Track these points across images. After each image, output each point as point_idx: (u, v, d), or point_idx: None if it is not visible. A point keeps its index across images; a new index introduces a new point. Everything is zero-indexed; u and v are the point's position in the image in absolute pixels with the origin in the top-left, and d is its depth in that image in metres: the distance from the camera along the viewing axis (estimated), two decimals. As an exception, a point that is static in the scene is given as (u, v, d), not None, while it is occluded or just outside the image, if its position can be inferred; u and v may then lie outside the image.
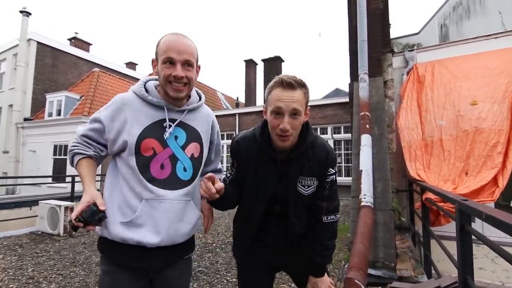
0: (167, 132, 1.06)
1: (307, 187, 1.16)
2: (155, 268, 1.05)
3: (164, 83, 1.04)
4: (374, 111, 3.65)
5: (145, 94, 1.07)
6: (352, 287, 1.19)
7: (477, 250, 3.36)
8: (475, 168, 3.15)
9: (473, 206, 1.39)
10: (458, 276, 1.69)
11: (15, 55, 14.36)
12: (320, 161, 1.16)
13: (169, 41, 1.03)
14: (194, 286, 2.79)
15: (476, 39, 3.97)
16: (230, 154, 1.24)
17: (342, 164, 10.17)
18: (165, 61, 1.02)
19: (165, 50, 1.02)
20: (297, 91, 1.04)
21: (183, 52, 1.02)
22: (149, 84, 1.11)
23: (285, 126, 1.03)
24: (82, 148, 1.06)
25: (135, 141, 1.01)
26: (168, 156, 1.06)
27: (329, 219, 1.20)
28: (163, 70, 1.03)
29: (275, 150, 1.14)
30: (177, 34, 1.05)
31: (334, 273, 3.09)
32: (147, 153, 1.02)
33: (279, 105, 1.03)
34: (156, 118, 1.06)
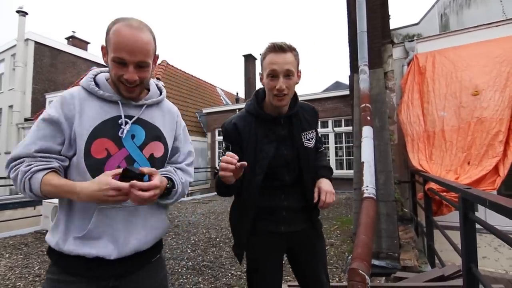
0: (123, 130, 0.93)
1: (311, 139, 1.30)
2: (116, 276, 0.92)
3: (115, 81, 0.92)
4: (375, 103, 3.63)
5: (95, 88, 0.93)
6: (356, 277, 1.19)
7: (480, 239, 3.38)
8: (477, 157, 3.15)
9: (476, 194, 1.39)
10: (462, 264, 1.70)
11: (13, 55, 14.33)
12: (311, 115, 1.34)
13: (121, 36, 0.86)
14: (199, 280, 2.82)
15: (477, 28, 3.93)
16: (225, 137, 1.25)
17: (343, 157, 10.16)
18: (115, 60, 0.88)
19: (115, 47, 0.86)
20: (288, 54, 1.13)
21: (138, 52, 0.88)
22: (99, 77, 0.97)
23: (281, 85, 1.12)
24: (40, 163, 0.86)
25: (85, 142, 0.88)
26: (124, 157, 0.93)
27: (322, 148, 1.43)
28: (113, 69, 0.90)
29: (272, 115, 1.23)
30: (130, 27, 0.87)
31: (338, 265, 3.11)
32: (99, 155, 0.89)
33: (273, 67, 1.12)
34: (110, 115, 0.93)
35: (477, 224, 1.59)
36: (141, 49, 0.88)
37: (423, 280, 2.31)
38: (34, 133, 0.88)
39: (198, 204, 7.37)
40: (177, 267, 3.17)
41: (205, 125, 13.56)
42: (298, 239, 1.27)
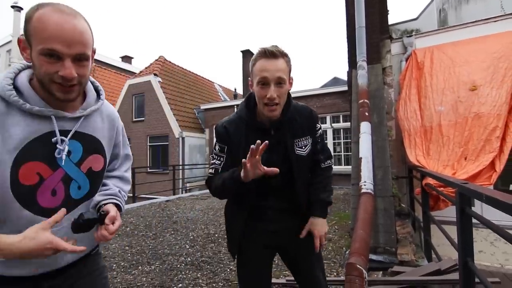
0: (60, 150, 0.78)
1: (304, 147, 1.22)
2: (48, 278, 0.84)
3: (46, 81, 0.72)
4: (373, 99, 3.63)
5: (18, 101, 0.72)
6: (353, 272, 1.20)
7: (476, 234, 3.41)
8: (474, 152, 3.17)
9: (473, 188, 1.40)
10: (458, 258, 1.71)
11: (8, 51, 14.21)
12: (307, 119, 1.23)
13: (51, 23, 0.68)
14: (198, 275, 2.83)
15: (475, 23, 3.93)
16: (218, 140, 1.22)
17: (341, 153, 10.19)
18: (45, 53, 0.69)
19: (45, 37, 0.68)
20: (280, 60, 1.07)
21: (76, 42, 0.71)
22: (21, 80, 0.76)
23: (272, 94, 1.06)
24: None
25: (10, 168, 0.71)
26: (60, 178, 0.81)
27: (327, 164, 1.30)
28: (42, 65, 0.70)
29: (263, 123, 1.17)
30: (62, 12, 0.70)
31: (336, 259, 3.13)
32: (29, 181, 0.75)
33: (264, 75, 1.06)
34: (39, 132, 0.76)
35: (473, 219, 1.61)
36: (79, 38, 0.71)
37: (420, 274, 2.33)
38: None
39: (196, 200, 7.38)
40: (175, 262, 3.18)
41: (203, 121, 13.54)
42: (288, 237, 1.26)
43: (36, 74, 0.74)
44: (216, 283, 2.66)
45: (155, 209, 6.21)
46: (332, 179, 1.34)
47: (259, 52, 1.08)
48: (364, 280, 1.13)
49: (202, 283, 2.67)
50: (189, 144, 12.53)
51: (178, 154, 12.21)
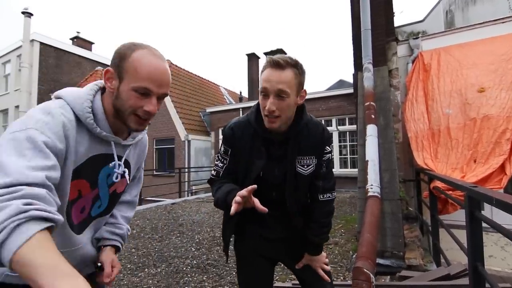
0: (118, 174, 0.88)
1: (307, 166, 1.14)
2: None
3: (127, 113, 0.80)
4: (379, 101, 3.61)
5: (93, 125, 0.79)
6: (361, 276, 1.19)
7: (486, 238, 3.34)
8: (484, 155, 3.12)
9: (483, 192, 1.38)
10: (468, 263, 1.68)
11: (19, 56, 14.47)
12: (316, 138, 1.14)
13: (149, 66, 0.78)
14: (204, 278, 2.83)
15: (483, 24, 3.89)
16: (224, 141, 1.19)
17: (347, 156, 10.12)
18: (138, 90, 0.78)
19: (142, 76, 0.77)
20: (285, 72, 0.99)
21: (165, 85, 0.82)
22: (97, 106, 0.82)
23: (270, 107, 0.99)
24: (43, 206, 0.57)
25: (69, 182, 0.76)
26: (92, 197, 0.86)
27: (325, 197, 1.18)
28: (131, 99, 0.78)
29: (270, 133, 1.11)
30: (157, 58, 0.80)
31: (342, 263, 3.10)
32: (71, 196, 0.79)
33: (264, 85, 1.01)
34: (95, 152, 0.82)
35: (483, 223, 1.58)
36: (167, 81, 0.83)
37: (428, 279, 2.30)
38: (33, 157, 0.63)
39: (202, 203, 7.40)
40: (181, 265, 3.19)
41: (209, 124, 13.59)
42: (287, 246, 1.24)
43: (119, 104, 0.81)
44: (222, 286, 2.66)
45: (161, 211, 6.24)
46: (333, 211, 1.25)
47: (267, 61, 1.03)
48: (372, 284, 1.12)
49: (208, 286, 2.67)
50: (195, 147, 12.58)
51: (184, 157, 12.26)
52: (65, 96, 0.79)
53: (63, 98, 0.79)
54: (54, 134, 0.70)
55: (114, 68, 0.80)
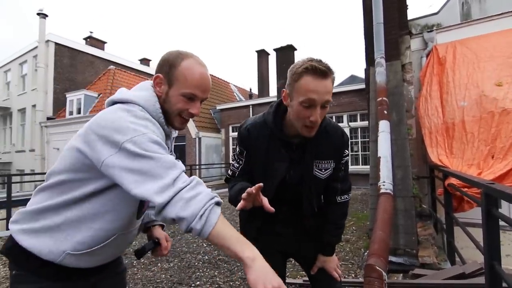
0: None
1: (324, 170, 1.13)
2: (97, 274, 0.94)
3: (173, 114, 0.92)
4: (392, 96, 3.54)
5: (164, 124, 0.92)
6: (372, 273, 1.17)
7: (503, 237, 3.25)
8: (502, 150, 3.02)
9: (500, 189, 1.34)
10: (484, 262, 1.64)
11: (35, 56, 14.88)
12: (335, 143, 1.13)
13: (196, 74, 0.89)
14: (215, 273, 2.87)
15: (501, 15, 3.75)
16: (239, 142, 1.19)
17: (359, 153, 10.00)
18: (186, 95, 0.89)
19: (190, 84, 0.88)
20: (329, 80, 0.96)
21: (207, 90, 0.93)
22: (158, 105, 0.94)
23: (317, 118, 0.97)
24: (216, 194, 0.79)
25: None
26: None
27: (342, 199, 1.20)
28: (179, 103, 0.90)
29: (288, 135, 1.11)
30: (202, 66, 0.91)
31: (354, 261, 3.08)
32: None
33: (313, 97, 0.94)
34: None
35: (500, 221, 1.53)
36: (209, 87, 0.94)
37: (442, 278, 2.25)
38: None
39: (213, 200, 7.46)
40: (193, 260, 3.23)
41: (219, 122, 13.66)
42: (299, 241, 1.24)
43: (167, 107, 0.91)
44: (233, 282, 2.69)
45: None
46: (347, 212, 1.26)
47: (307, 67, 0.94)
48: (384, 282, 1.11)
49: (219, 281, 2.70)
50: (205, 144, 12.68)
51: (195, 154, 12.38)
52: (137, 101, 0.86)
53: (135, 103, 0.86)
54: (160, 134, 0.86)
55: (164, 75, 0.90)
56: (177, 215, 0.70)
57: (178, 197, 0.71)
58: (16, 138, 16.27)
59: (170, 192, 0.71)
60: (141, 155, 0.73)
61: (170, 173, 0.73)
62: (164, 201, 0.70)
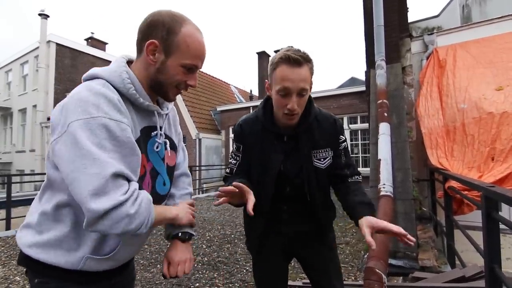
0: (159, 144, 0.86)
1: (323, 159, 1.13)
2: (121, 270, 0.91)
3: (170, 85, 0.82)
4: (392, 99, 3.54)
5: (135, 94, 0.77)
6: (372, 276, 1.17)
7: (504, 240, 3.25)
8: (502, 153, 3.01)
9: (500, 192, 1.34)
10: (484, 265, 1.64)
11: (36, 57, 14.91)
12: (329, 130, 1.14)
13: (198, 44, 0.80)
14: (215, 275, 2.86)
15: (501, 19, 3.76)
16: (235, 138, 1.22)
17: (359, 155, 9.99)
18: (187, 67, 0.80)
19: (192, 54, 0.79)
20: (304, 68, 0.98)
21: (204, 59, 0.85)
22: (134, 79, 0.80)
23: (293, 105, 0.99)
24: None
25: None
26: (149, 169, 0.84)
27: (355, 179, 1.14)
28: (178, 74, 0.80)
29: (279, 127, 1.12)
30: (201, 34, 0.82)
31: (354, 263, 3.07)
32: (140, 173, 0.78)
33: (286, 85, 0.97)
34: (142, 125, 0.82)
35: (500, 224, 1.53)
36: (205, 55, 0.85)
37: (442, 281, 2.24)
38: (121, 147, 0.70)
39: (212, 201, 7.45)
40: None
41: (219, 123, 13.67)
42: (303, 242, 1.23)
43: (162, 78, 0.80)
44: (233, 284, 2.68)
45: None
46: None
47: (282, 56, 0.98)
48: (384, 285, 1.11)
49: (218, 283, 2.69)
50: (205, 145, 12.68)
51: (195, 155, 12.38)
52: (101, 74, 0.76)
53: (99, 77, 0.76)
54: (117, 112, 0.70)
55: (160, 41, 0.76)
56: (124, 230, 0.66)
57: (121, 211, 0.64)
58: (17, 138, 16.29)
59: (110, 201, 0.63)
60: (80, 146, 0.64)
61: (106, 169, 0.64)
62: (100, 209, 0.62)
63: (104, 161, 0.64)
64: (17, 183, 10.39)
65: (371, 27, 3.76)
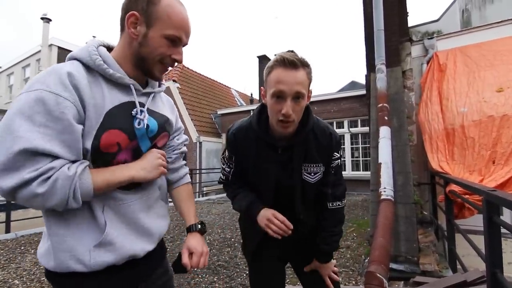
0: (140, 120, 0.79)
1: (313, 174, 1.09)
2: (144, 278, 0.88)
3: (154, 59, 0.78)
4: (392, 103, 3.54)
5: (102, 65, 0.74)
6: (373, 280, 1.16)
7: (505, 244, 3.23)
8: (503, 156, 2.99)
9: (502, 196, 1.33)
10: (486, 270, 1.63)
11: (38, 60, 14.98)
12: (324, 145, 1.08)
13: (180, 14, 0.77)
14: (214, 279, 2.84)
15: (501, 23, 3.77)
16: (227, 146, 1.17)
17: (359, 158, 9.98)
18: (170, 38, 0.77)
19: (174, 24, 0.76)
20: (300, 71, 0.93)
21: (189, 35, 0.82)
22: (104, 53, 0.77)
23: (288, 110, 0.93)
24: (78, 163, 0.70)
25: (94, 134, 0.71)
26: (132, 149, 0.81)
27: (335, 205, 1.14)
28: (162, 46, 0.77)
29: (274, 137, 1.06)
30: (184, 7, 0.80)
31: (354, 267, 3.05)
32: (109, 149, 0.75)
33: (281, 88, 0.92)
34: (117, 101, 0.77)
35: (502, 228, 1.52)
36: (190, 31, 0.83)
37: (444, 286, 2.23)
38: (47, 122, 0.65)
39: (213, 204, 7.44)
40: (192, 266, 3.21)
41: (220, 126, 13.68)
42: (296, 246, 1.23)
43: (145, 52, 0.77)
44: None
45: (172, 212, 6.31)
46: (344, 219, 1.20)
47: (277, 59, 0.94)
48: (385, 289, 1.10)
49: (218, 287, 2.67)
50: (206, 148, 12.68)
51: (196, 158, 12.37)
52: (72, 53, 0.77)
53: (72, 57, 0.77)
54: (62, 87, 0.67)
55: (141, 13, 0.75)
56: (44, 207, 0.66)
57: (27, 190, 0.62)
58: (17, 141, 16.32)
59: (14, 179, 0.61)
60: (7, 118, 0.64)
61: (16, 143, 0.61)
62: (5, 187, 0.61)
63: (19, 136, 0.61)
64: (17, 186, 10.37)
65: (371, 31, 3.78)
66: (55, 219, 0.74)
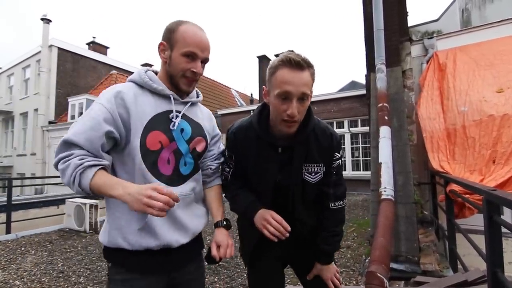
0: (175, 123, 0.98)
1: (314, 174, 1.09)
2: (176, 268, 1.01)
3: (178, 75, 0.98)
4: (392, 102, 3.54)
5: (149, 82, 0.98)
6: (374, 280, 1.16)
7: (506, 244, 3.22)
8: (503, 155, 2.99)
9: (502, 195, 1.33)
10: (486, 269, 1.63)
11: (38, 61, 14.99)
12: (324, 145, 1.08)
13: (193, 35, 0.95)
14: (215, 279, 2.84)
15: (501, 23, 3.77)
16: (227, 146, 1.17)
17: (360, 158, 9.98)
18: (187, 55, 0.95)
19: (188, 43, 0.94)
20: (305, 72, 0.94)
21: (206, 50, 0.98)
22: (150, 73, 1.02)
23: (293, 111, 0.94)
24: (93, 159, 0.86)
25: (140, 134, 0.92)
26: (172, 150, 0.98)
27: (336, 205, 1.15)
28: (181, 63, 0.96)
29: (274, 137, 1.06)
30: (199, 29, 0.98)
31: (355, 268, 3.05)
32: (154, 147, 0.94)
33: (287, 89, 0.93)
34: (160, 109, 0.98)
35: (502, 228, 1.52)
36: (208, 47, 1.00)
37: (445, 285, 2.22)
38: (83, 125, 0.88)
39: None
40: (193, 266, 3.21)
41: (220, 126, 13.62)
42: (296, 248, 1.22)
43: (171, 70, 0.99)
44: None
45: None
46: (344, 219, 1.21)
47: (282, 60, 0.95)
48: (385, 289, 1.09)
49: (219, 287, 2.68)
50: (206, 149, 12.69)
51: (196, 158, 12.39)
52: (128, 78, 1.02)
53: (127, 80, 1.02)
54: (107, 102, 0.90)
55: (166, 40, 0.97)
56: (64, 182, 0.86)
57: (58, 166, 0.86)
58: (18, 141, 16.31)
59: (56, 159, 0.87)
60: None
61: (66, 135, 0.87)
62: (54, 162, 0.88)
63: (69, 130, 0.88)
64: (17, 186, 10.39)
65: (371, 31, 3.78)
66: (114, 204, 0.94)
